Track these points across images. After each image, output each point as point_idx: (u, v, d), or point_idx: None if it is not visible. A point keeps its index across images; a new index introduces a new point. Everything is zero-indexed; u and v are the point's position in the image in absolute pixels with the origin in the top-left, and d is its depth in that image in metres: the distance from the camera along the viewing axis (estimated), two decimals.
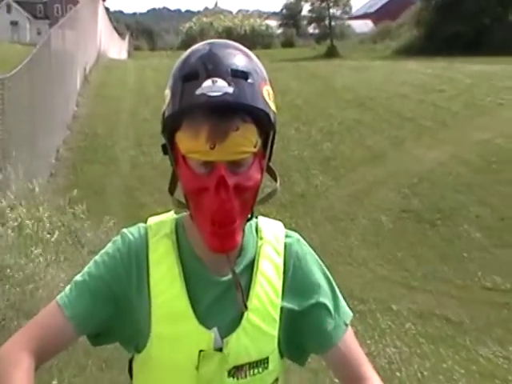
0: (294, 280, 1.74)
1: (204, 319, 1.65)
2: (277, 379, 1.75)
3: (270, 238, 1.76)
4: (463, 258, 12.48)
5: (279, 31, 71.25)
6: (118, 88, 25.35)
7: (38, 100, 14.16)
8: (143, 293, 1.66)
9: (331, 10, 60.81)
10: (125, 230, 1.77)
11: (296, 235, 1.83)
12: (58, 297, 1.71)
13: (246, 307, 1.64)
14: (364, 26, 68.25)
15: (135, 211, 12.50)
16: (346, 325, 1.78)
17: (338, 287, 1.84)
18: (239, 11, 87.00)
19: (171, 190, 1.70)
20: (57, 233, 9.15)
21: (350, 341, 1.78)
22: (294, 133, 19.68)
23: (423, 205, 14.27)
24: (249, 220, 1.68)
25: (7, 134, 11.20)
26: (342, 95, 23.89)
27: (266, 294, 1.68)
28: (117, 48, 50.61)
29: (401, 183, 16.01)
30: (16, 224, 8.56)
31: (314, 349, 1.79)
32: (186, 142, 1.55)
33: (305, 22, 67.14)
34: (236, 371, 1.66)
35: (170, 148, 1.62)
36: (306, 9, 64.64)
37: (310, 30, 65.89)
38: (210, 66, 1.52)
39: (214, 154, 1.51)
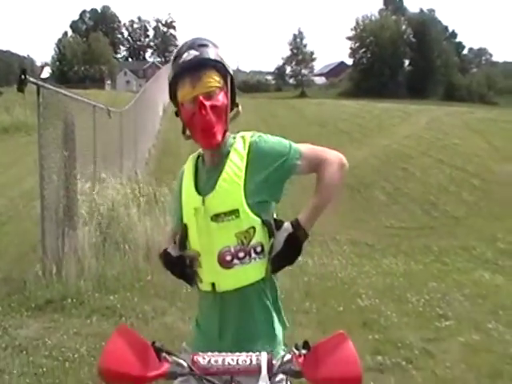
0: (256, 159, 1.85)
1: (202, 192, 1.88)
2: (253, 228, 1.82)
3: (239, 139, 1.91)
4: (374, 210, 15.73)
5: (273, 82, 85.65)
6: None
7: (139, 122, 16.52)
8: (180, 190, 1.98)
9: (302, 71, 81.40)
10: None
11: (258, 133, 1.92)
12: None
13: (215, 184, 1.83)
14: (320, 80, 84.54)
15: None
16: (299, 153, 1.87)
17: None
18: (251, 71, 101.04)
19: (183, 131, 1.92)
20: (145, 198, 9.23)
21: (305, 154, 1.88)
22: None
23: (354, 180, 16.64)
24: (226, 132, 1.87)
25: (123, 142, 12.81)
26: (308, 119, 27.59)
27: (233, 171, 1.83)
28: None
29: None
30: (124, 192, 8.97)
31: (284, 178, 1.87)
32: (180, 92, 1.84)
33: (287, 77, 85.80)
34: (216, 218, 1.82)
35: (175, 106, 1.90)
36: (288, 69, 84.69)
37: (291, 81, 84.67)
38: (188, 46, 1.82)
39: (195, 91, 1.80)
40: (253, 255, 1.82)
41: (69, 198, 7.05)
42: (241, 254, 1.82)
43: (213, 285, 1.87)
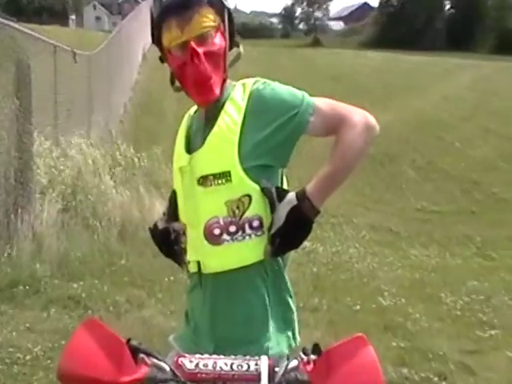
0: (258, 111, 1.82)
1: (192, 150, 1.90)
2: (248, 197, 1.80)
3: (239, 87, 1.91)
4: (401, 188, 15.46)
5: (279, 26, 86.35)
6: None
7: (112, 70, 16.63)
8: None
9: (315, 13, 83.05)
10: None
11: (263, 80, 1.91)
12: None
13: (204, 140, 1.85)
14: (338, 25, 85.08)
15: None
16: (313, 107, 1.82)
17: None
18: (251, 11, 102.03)
19: (172, 81, 1.94)
20: (123, 163, 9.78)
21: (321, 110, 1.83)
22: None
23: (377, 151, 16.02)
24: (224, 81, 1.87)
25: (92, 94, 12.90)
26: (321, 72, 28.13)
27: (226, 125, 1.81)
28: None
29: None
30: (94, 155, 9.18)
31: (293, 137, 1.83)
32: (165, 37, 1.83)
33: (297, 21, 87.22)
34: (203, 181, 1.82)
35: (161, 52, 1.91)
36: (298, 11, 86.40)
37: (301, 26, 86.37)
38: None
39: (185, 35, 1.78)
40: (247, 231, 1.79)
41: (22, 161, 7.01)
42: (232, 228, 1.79)
43: (199, 264, 1.86)
